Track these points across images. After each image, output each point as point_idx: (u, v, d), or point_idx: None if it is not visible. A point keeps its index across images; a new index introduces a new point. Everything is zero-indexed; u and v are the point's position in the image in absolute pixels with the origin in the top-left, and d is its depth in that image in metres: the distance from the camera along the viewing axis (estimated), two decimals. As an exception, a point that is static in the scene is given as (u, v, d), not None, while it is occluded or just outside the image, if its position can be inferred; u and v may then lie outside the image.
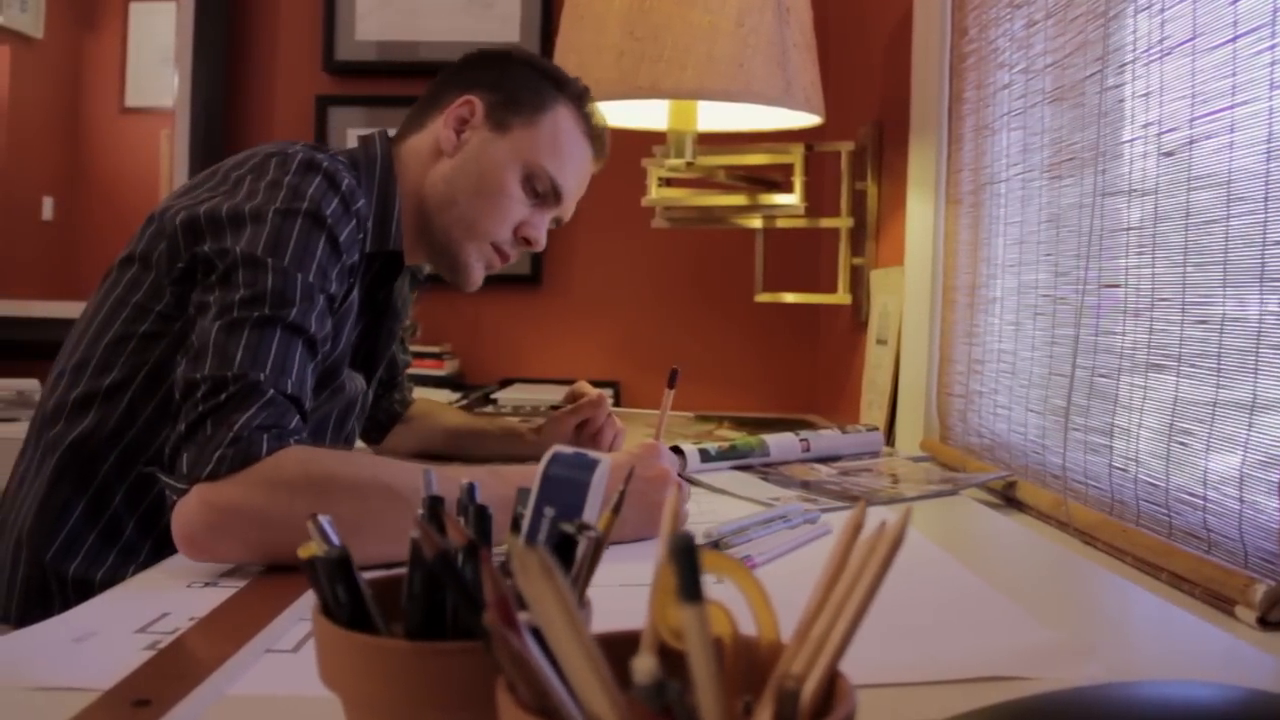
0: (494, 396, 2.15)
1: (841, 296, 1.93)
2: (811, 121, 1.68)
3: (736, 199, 1.89)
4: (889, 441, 1.60)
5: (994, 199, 1.38)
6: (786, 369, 2.41)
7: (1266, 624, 0.72)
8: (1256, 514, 0.79)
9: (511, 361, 2.41)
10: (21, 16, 2.44)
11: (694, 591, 0.27)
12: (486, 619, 0.32)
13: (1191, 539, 0.87)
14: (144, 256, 0.98)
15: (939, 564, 0.87)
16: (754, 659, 0.38)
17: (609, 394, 1.38)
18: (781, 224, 1.94)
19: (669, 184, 1.89)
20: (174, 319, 0.95)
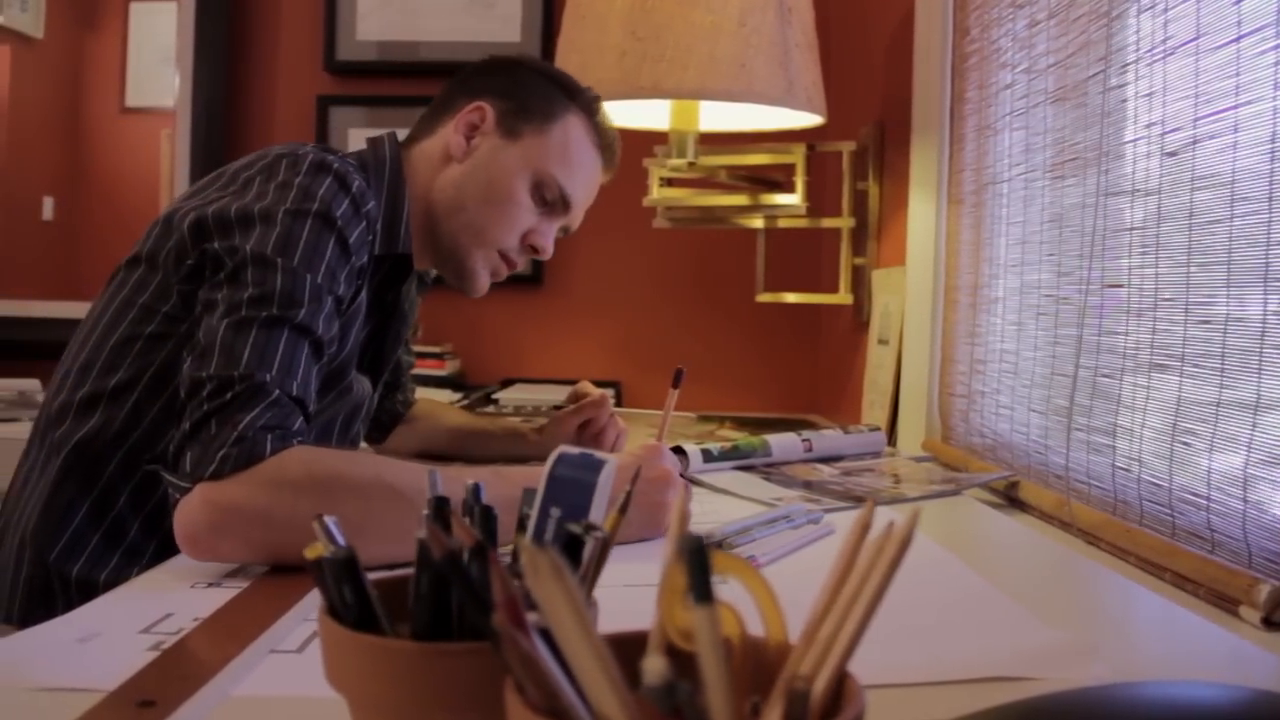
0: (495, 396, 2.15)
1: (843, 296, 1.92)
2: (813, 121, 1.68)
3: (738, 199, 1.89)
4: (890, 442, 1.60)
5: (996, 199, 1.38)
6: (788, 369, 2.40)
7: (1271, 624, 0.72)
8: (1260, 514, 0.79)
9: (513, 361, 2.41)
10: (22, 16, 2.44)
11: (706, 592, 0.27)
12: (496, 620, 0.32)
13: (1195, 539, 0.87)
14: (151, 257, 0.98)
15: (943, 564, 0.87)
16: (762, 659, 0.38)
17: (610, 394, 1.38)
18: (783, 224, 1.94)
19: (670, 184, 1.89)
20: (181, 320, 0.95)
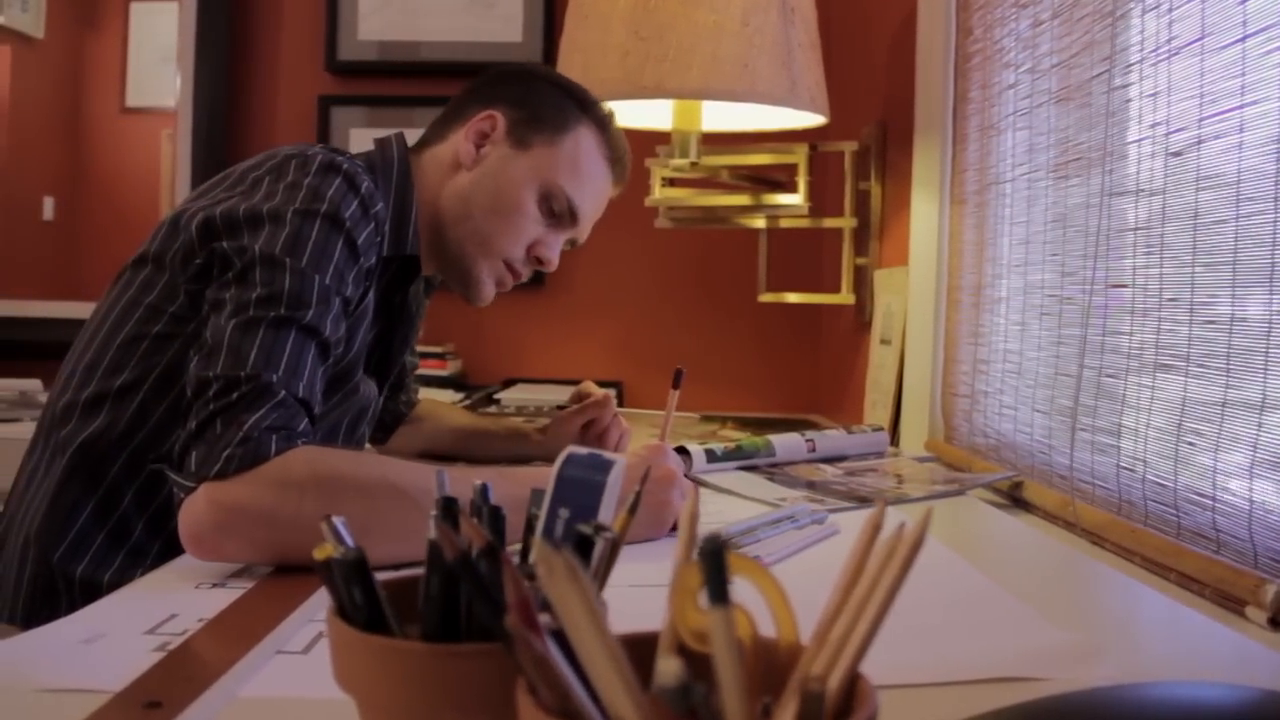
0: (497, 397, 2.15)
1: (845, 296, 1.92)
2: (815, 121, 1.67)
3: (740, 199, 1.89)
4: (893, 442, 1.60)
5: (999, 199, 1.38)
6: (789, 369, 2.40)
7: (1277, 624, 0.72)
8: (1266, 514, 0.79)
9: (514, 361, 2.41)
10: (22, 16, 2.44)
11: (722, 594, 0.27)
12: (509, 621, 0.32)
13: (1200, 539, 0.87)
14: (158, 257, 0.98)
15: (948, 564, 0.87)
16: (773, 660, 0.38)
17: (612, 394, 1.38)
18: (785, 224, 1.94)
19: (673, 184, 1.89)
20: (188, 320, 0.94)
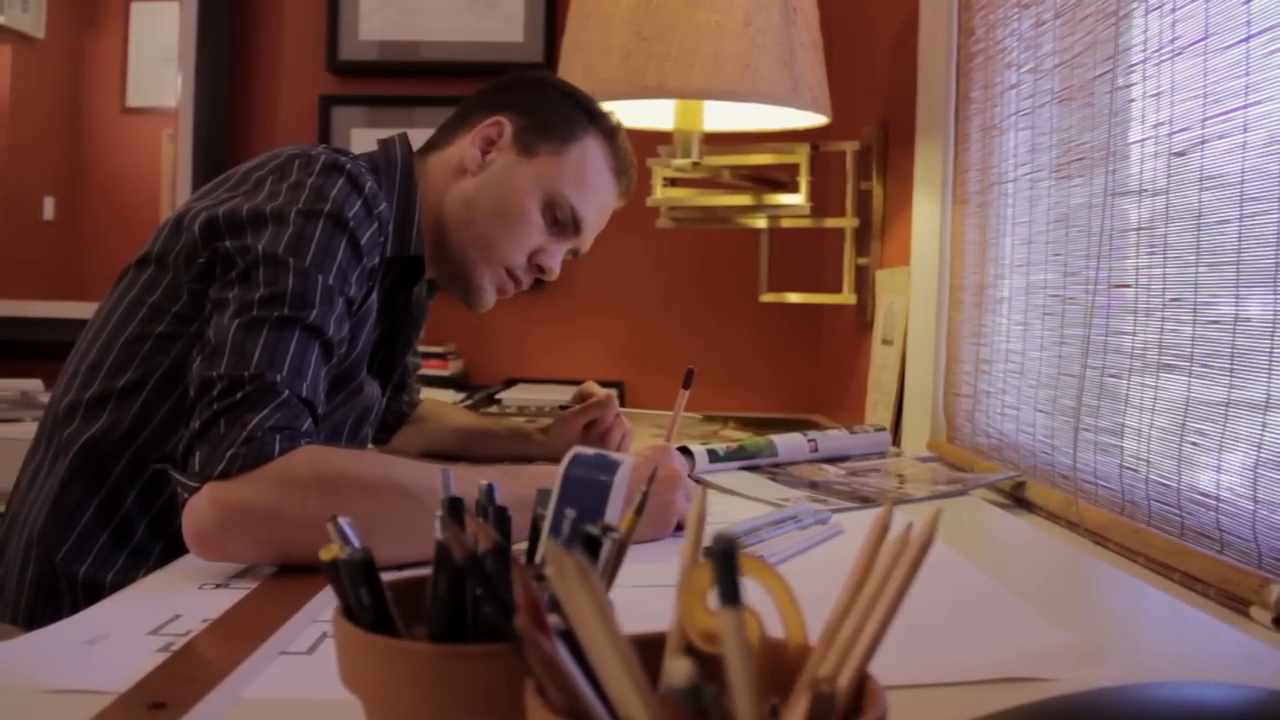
0: (498, 397, 2.15)
1: (846, 297, 1.92)
2: (817, 121, 1.67)
3: (741, 199, 1.89)
4: (895, 442, 1.60)
5: (1002, 199, 1.38)
6: (791, 369, 2.40)
7: (1282, 625, 0.72)
8: (1270, 514, 0.78)
9: (516, 361, 2.41)
10: (23, 16, 2.44)
11: (734, 595, 0.27)
12: (518, 622, 0.32)
13: (1204, 539, 0.87)
14: (161, 257, 0.97)
15: (952, 564, 0.87)
16: (781, 661, 0.38)
17: (615, 394, 1.38)
18: (786, 224, 1.94)
19: (674, 184, 1.89)
20: (191, 320, 0.94)
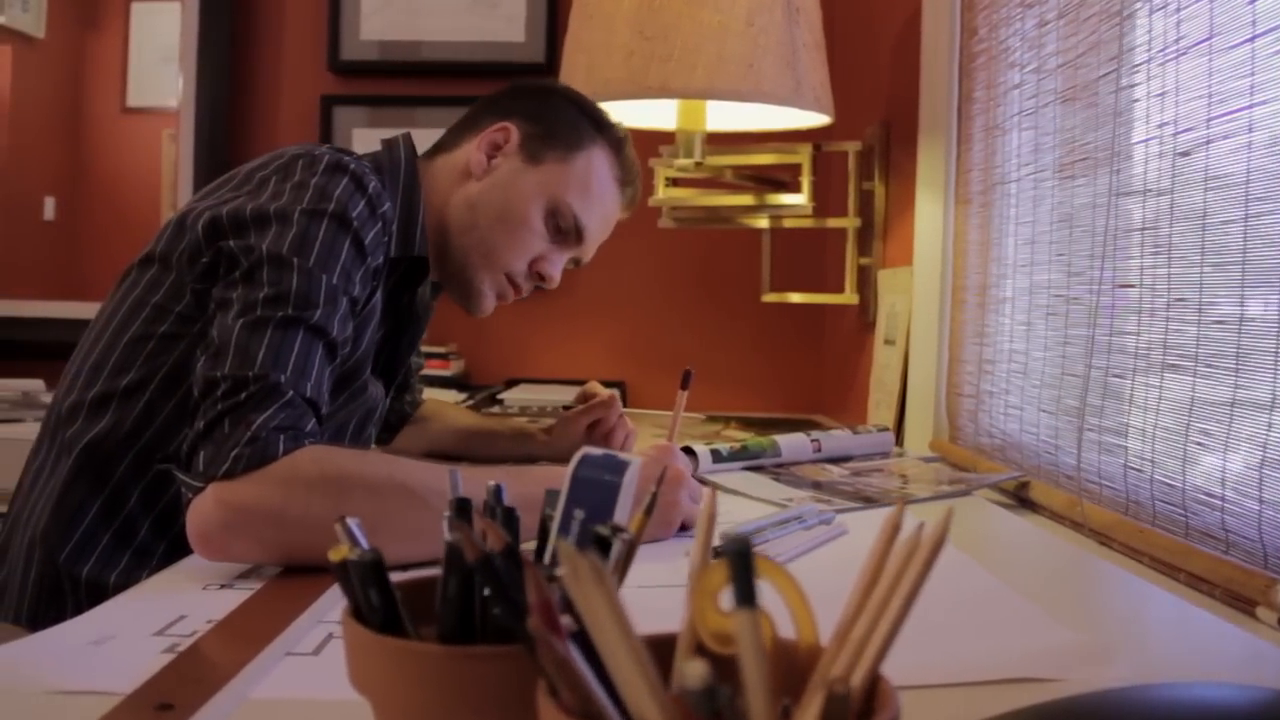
0: (500, 397, 2.15)
1: (848, 297, 1.92)
2: (819, 121, 1.67)
3: (743, 199, 1.89)
4: (897, 442, 1.60)
5: (1004, 199, 1.38)
6: (793, 369, 2.40)
7: (1288, 625, 0.72)
8: (1276, 514, 0.78)
9: (517, 362, 2.41)
10: (23, 16, 2.44)
11: (750, 596, 0.27)
12: (531, 623, 0.32)
13: (1209, 539, 0.87)
14: (164, 256, 0.97)
15: (957, 564, 0.86)
16: (792, 661, 0.38)
17: (618, 394, 1.38)
18: (788, 224, 1.94)
19: (676, 184, 1.88)
20: (194, 320, 0.94)
